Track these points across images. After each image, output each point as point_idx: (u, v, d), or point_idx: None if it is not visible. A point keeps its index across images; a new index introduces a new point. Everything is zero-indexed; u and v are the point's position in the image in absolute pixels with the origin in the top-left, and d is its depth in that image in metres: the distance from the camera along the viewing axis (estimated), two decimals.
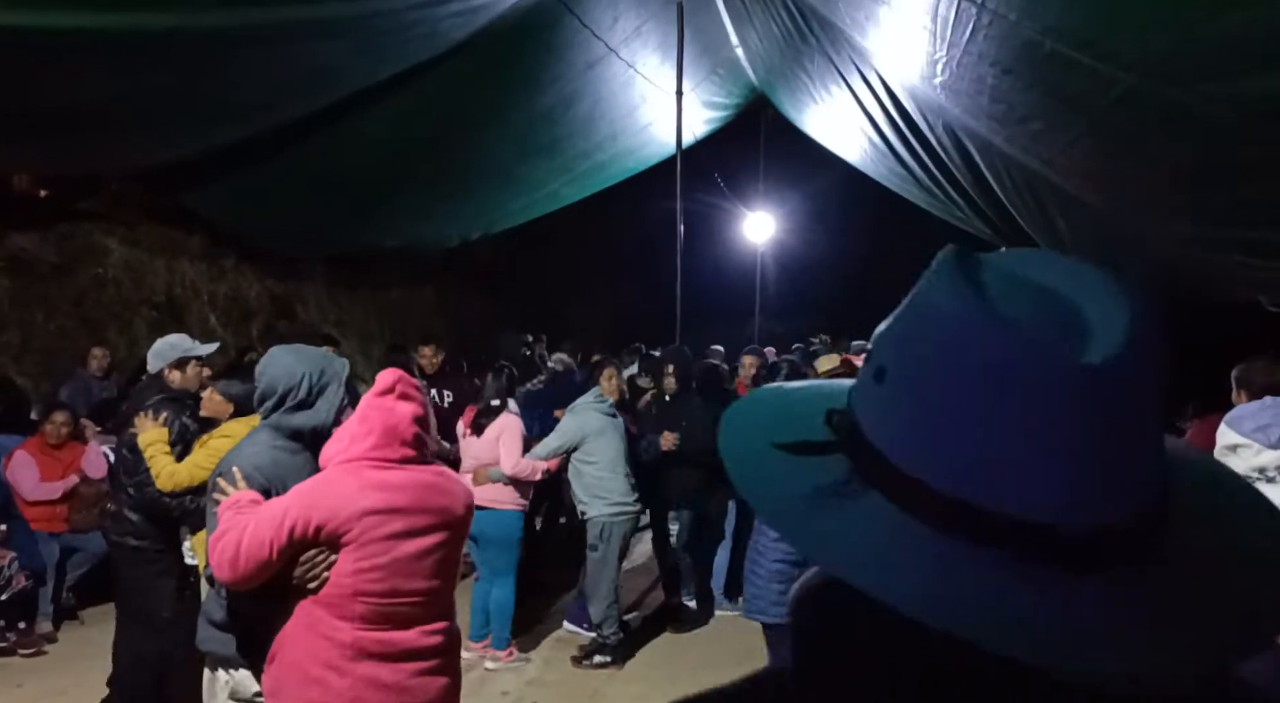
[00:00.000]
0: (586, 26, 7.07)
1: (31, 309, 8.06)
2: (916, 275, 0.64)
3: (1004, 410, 0.50)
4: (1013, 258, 0.59)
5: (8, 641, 4.93)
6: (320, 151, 7.94)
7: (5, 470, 5.46)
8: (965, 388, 0.51)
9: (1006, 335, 0.51)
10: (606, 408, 4.93)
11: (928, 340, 0.55)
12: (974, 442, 0.50)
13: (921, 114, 6.88)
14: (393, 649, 2.10)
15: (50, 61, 5.33)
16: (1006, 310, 0.53)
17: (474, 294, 13.70)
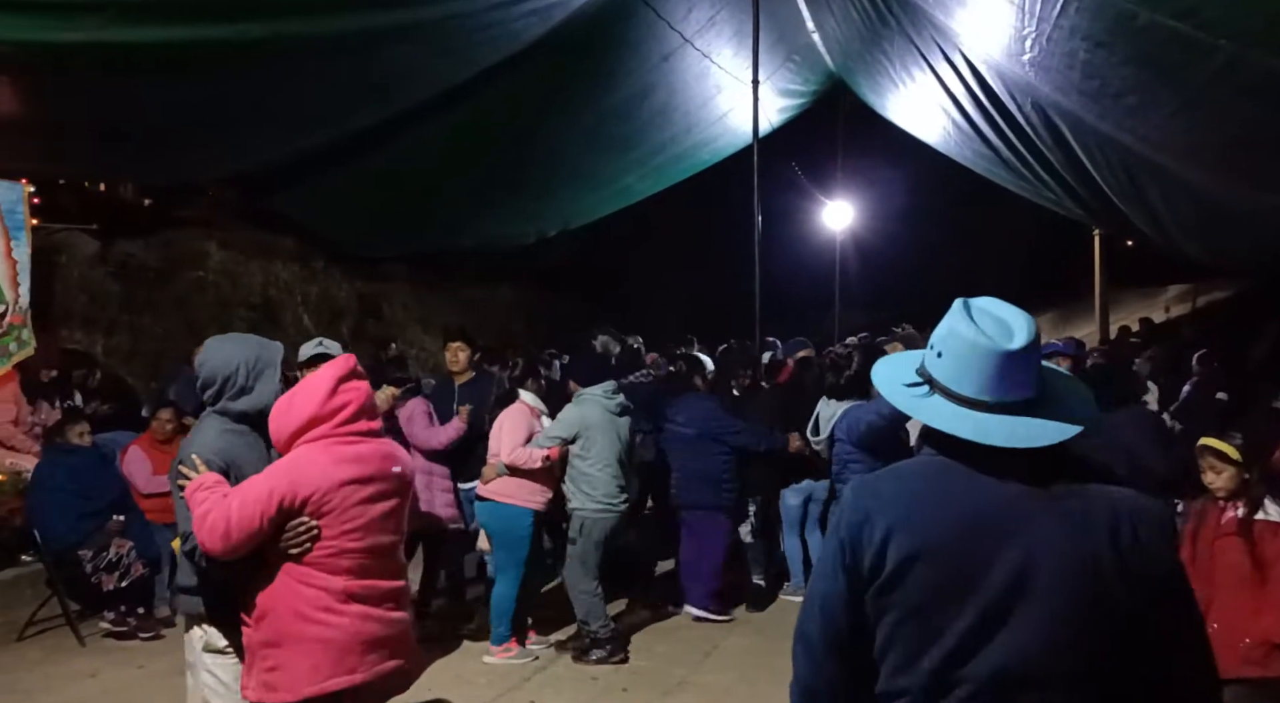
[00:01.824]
0: (662, 18, 7.08)
1: (139, 313, 8.52)
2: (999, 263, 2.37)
3: (982, 365, 1.41)
4: (985, 302, 1.48)
5: (128, 625, 5.22)
6: (401, 154, 8.17)
7: (121, 465, 5.79)
8: (970, 358, 1.42)
9: (981, 338, 1.41)
10: (614, 404, 4.78)
11: (954, 336, 1.45)
12: (971, 376, 1.42)
13: (1009, 93, 6.67)
14: (375, 592, 2.52)
15: (148, 76, 5.63)
16: (983, 326, 1.43)
17: (550, 291, 13.89)
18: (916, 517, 1.39)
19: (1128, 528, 1.35)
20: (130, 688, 4.52)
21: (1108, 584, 1.33)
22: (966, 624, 1.34)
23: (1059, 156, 7.18)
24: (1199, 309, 15.24)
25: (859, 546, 1.41)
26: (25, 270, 6.47)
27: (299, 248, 10.18)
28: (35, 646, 5.11)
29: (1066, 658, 1.33)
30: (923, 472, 1.46)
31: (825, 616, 1.45)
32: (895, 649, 1.39)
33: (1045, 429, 1.38)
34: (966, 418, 1.40)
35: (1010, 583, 1.33)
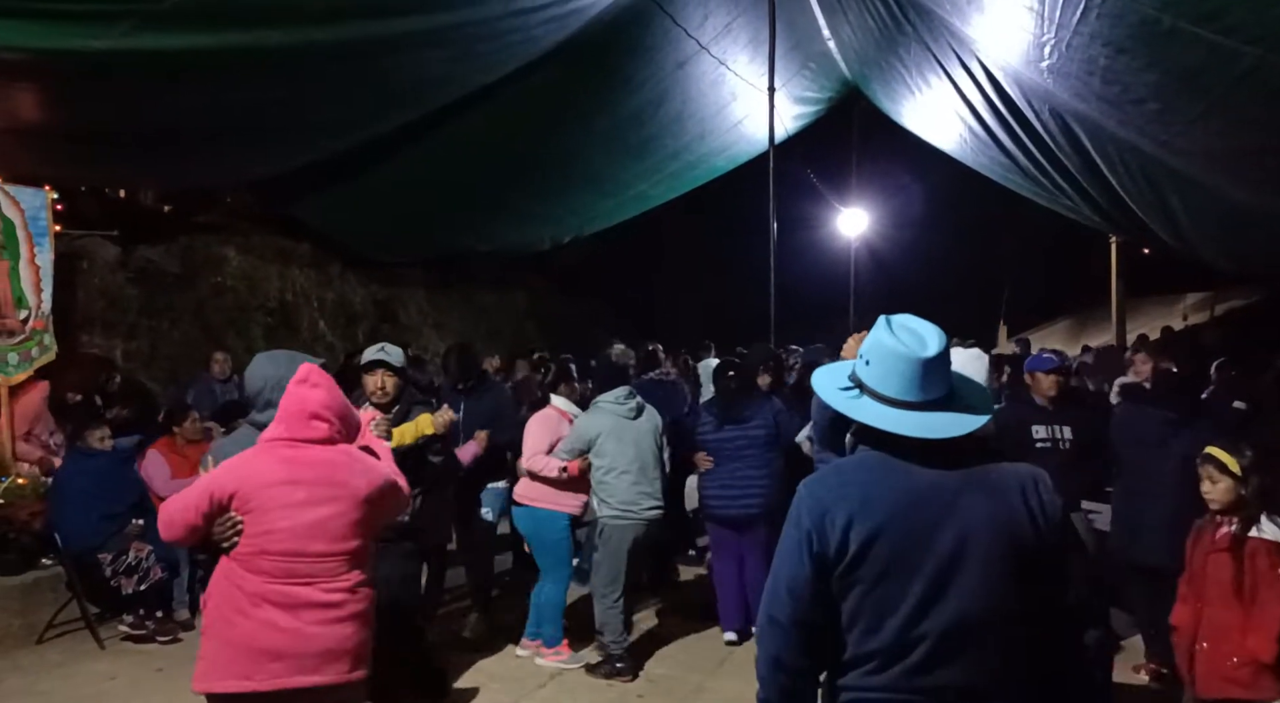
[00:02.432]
0: (679, 25, 7.09)
1: (158, 317, 8.58)
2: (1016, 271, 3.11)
3: (903, 370, 1.70)
4: (903, 318, 1.75)
5: (147, 628, 5.25)
6: (417, 160, 8.21)
7: (140, 469, 5.83)
8: (893, 364, 1.71)
9: (901, 347, 1.70)
10: (627, 408, 4.64)
11: (879, 347, 1.73)
12: (895, 379, 1.70)
13: (1026, 100, 6.64)
14: (291, 600, 2.46)
15: (169, 84, 5.67)
16: (902, 338, 1.71)
17: (564, 296, 13.92)
18: (870, 503, 1.67)
19: (1032, 491, 1.71)
20: (150, 691, 4.54)
21: (1024, 538, 1.68)
22: (922, 588, 1.64)
23: (1077, 163, 7.14)
24: (1218, 317, 15.11)
25: (824, 533, 1.67)
26: (48, 276, 6.52)
27: (315, 253, 10.24)
28: (55, 648, 5.14)
29: (1001, 603, 1.65)
30: (866, 465, 1.75)
31: (793, 596, 1.69)
32: (862, 619, 1.66)
33: (958, 421, 1.70)
34: (893, 415, 1.70)
35: (953, 550, 1.65)
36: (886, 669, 1.65)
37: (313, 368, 2.70)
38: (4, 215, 6.22)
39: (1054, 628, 1.70)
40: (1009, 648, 1.66)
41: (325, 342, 10.08)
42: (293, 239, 9.98)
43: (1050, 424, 4.71)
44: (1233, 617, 3.12)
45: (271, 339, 9.47)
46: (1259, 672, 3.08)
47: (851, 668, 1.69)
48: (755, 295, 7.96)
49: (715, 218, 12.55)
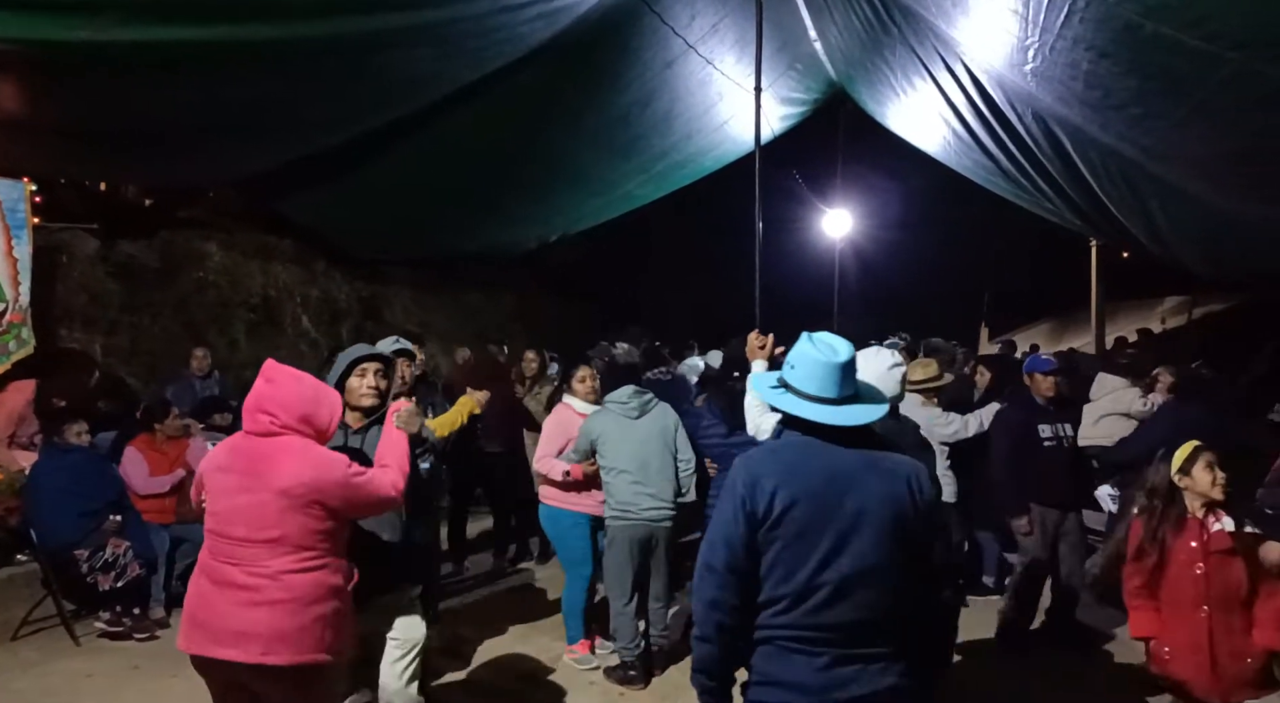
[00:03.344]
0: (666, 23, 7.09)
1: (139, 313, 8.50)
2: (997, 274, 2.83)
3: (821, 373, 2.19)
4: (821, 334, 2.27)
5: (124, 625, 5.21)
6: (403, 158, 8.16)
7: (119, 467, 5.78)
8: (813, 368, 2.20)
9: (820, 355, 2.21)
10: (630, 407, 4.59)
11: (802, 354, 2.24)
12: (814, 380, 2.19)
13: (1009, 103, 6.68)
14: (219, 577, 2.70)
15: (150, 77, 5.61)
16: (820, 348, 2.23)
17: (550, 295, 13.88)
18: (793, 476, 2.11)
19: (914, 479, 2.16)
20: (126, 688, 4.50)
21: (906, 512, 2.12)
22: (827, 545, 2.06)
23: (1059, 167, 7.20)
24: (1195, 321, 15.28)
25: (755, 498, 2.09)
26: (26, 269, 6.46)
27: (299, 250, 10.16)
28: (29, 645, 5.09)
29: (884, 561, 2.08)
30: (790, 446, 2.22)
31: (728, 548, 2.10)
32: (778, 568, 2.09)
33: (863, 412, 2.20)
34: (813, 408, 2.18)
35: (853, 517, 2.08)
36: (792, 610, 2.07)
37: (271, 364, 2.88)
38: None
39: (919, 582, 2.15)
40: (886, 595, 2.09)
41: (309, 339, 10.01)
42: (276, 235, 9.90)
43: (1054, 423, 4.92)
44: (1238, 618, 3.11)
45: (254, 336, 9.40)
46: (1265, 667, 3.09)
47: (764, 610, 2.10)
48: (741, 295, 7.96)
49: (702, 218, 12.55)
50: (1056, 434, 4.91)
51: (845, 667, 2.05)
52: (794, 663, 2.06)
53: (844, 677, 2.04)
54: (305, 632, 2.69)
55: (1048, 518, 4.93)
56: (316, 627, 2.71)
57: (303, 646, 2.69)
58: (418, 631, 3.35)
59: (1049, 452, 4.88)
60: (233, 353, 9.01)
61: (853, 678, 2.05)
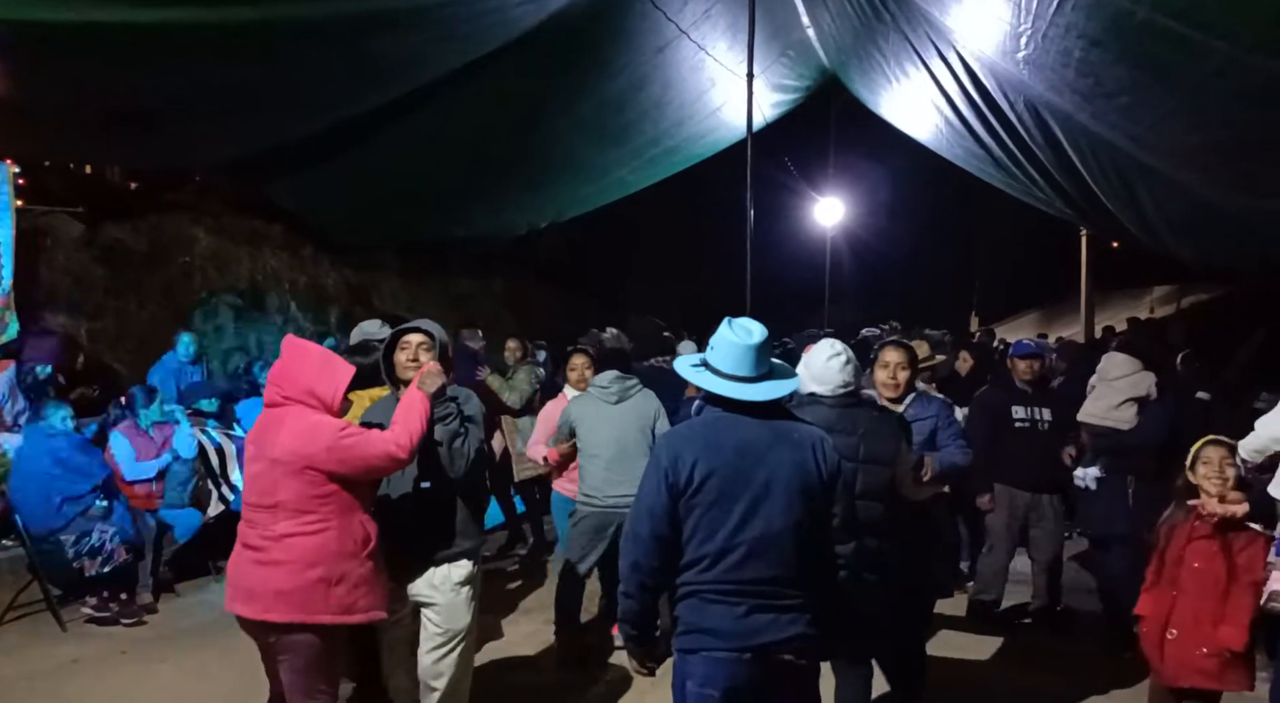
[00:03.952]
0: (659, 8, 7.04)
1: (125, 297, 8.43)
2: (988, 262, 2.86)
3: (736, 354, 2.44)
4: (740, 319, 2.51)
5: (110, 611, 5.18)
6: (392, 143, 8.10)
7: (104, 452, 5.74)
8: (729, 349, 2.45)
9: (735, 338, 2.45)
10: (610, 392, 4.53)
11: (721, 337, 2.48)
12: (731, 360, 2.44)
13: (1001, 91, 6.67)
14: (242, 539, 2.96)
15: (138, 59, 5.54)
16: (737, 332, 2.47)
17: (541, 284, 13.84)
18: (709, 449, 2.38)
19: (819, 447, 2.44)
20: (113, 673, 4.48)
21: (811, 478, 2.40)
22: (741, 510, 2.33)
23: (1050, 156, 7.20)
24: (1184, 310, 15.38)
25: (677, 470, 2.35)
26: (9, 252, 6.40)
27: (288, 235, 10.09)
28: (15, 631, 5.06)
29: (793, 521, 2.36)
30: (707, 422, 2.50)
31: (651, 516, 2.37)
32: (699, 532, 2.36)
33: (774, 388, 2.45)
34: (728, 385, 2.43)
35: (765, 483, 2.35)
36: (713, 567, 2.34)
37: (288, 338, 3.13)
38: None
39: (823, 539, 2.45)
40: (795, 551, 2.36)
41: (297, 325, 9.95)
42: (265, 221, 9.83)
43: (1030, 406, 4.94)
44: (1207, 607, 3.15)
45: (241, 320, 9.34)
46: (1228, 663, 3.12)
47: (688, 569, 2.38)
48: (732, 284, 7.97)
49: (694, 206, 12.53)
50: (1031, 417, 4.97)
51: (760, 615, 2.33)
52: (715, 613, 2.34)
53: (759, 625, 2.33)
54: (305, 592, 2.83)
55: (1016, 499, 4.97)
56: (318, 588, 2.83)
57: (302, 605, 2.83)
58: (459, 620, 3.14)
59: (1020, 433, 4.95)
60: (219, 338, 8.95)
61: (766, 626, 2.33)
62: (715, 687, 2.32)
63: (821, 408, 3.13)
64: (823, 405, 3.15)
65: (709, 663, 2.34)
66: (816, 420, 2.80)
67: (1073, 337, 12.96)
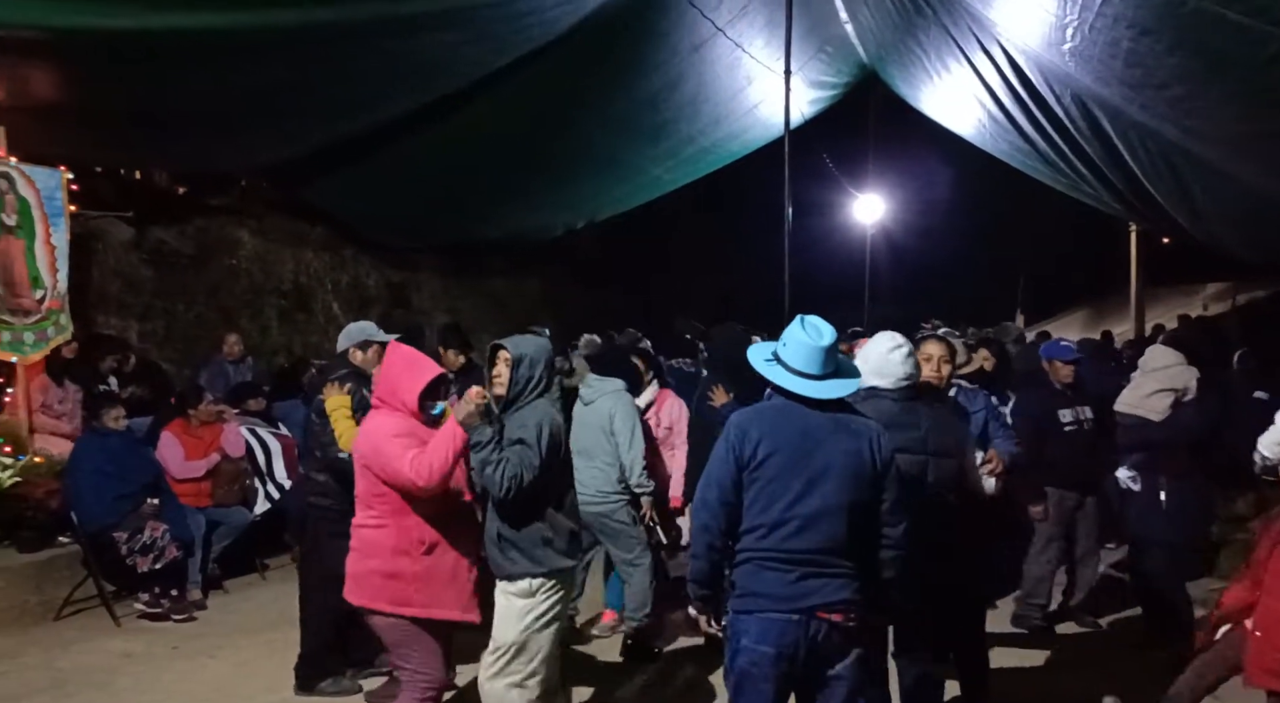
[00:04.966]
0: (695, 6, 7.02)
1: (173, 299, 8.61)
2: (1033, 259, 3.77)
3: (806, 353, 2.64)
4: (811, 318, 2.71)
5: (162, 606, 5.30)
6: (430, 145, 8.18)
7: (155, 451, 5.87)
8: (800, 348, 2.64)
9: (807, 338, 2.65)
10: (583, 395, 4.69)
11: (792, 336, 2.67)
12: (801, 359, 2.64)
13: (1047, 84, 6.54)
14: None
15: (183, 65, 5.66)
16: (808, 332, 2.66)
17: (577, 283, 13.88)
18: (775, 430, 2.61)
19: (874, 438, 2.63)
20: (165, 669, 4.58)
21: (866, 467, 2.60)
22: (798, 487, 2.55)
23: (1098, 150, 7.05)
24: (1239, 307, 14.94)
25: (742, 446, 2.58)
26: (63, 256, 6.54)
27: (329, 236, 10.24)
28: (71, 625, 5.20)
29: (844, 500, 2.56)
30: (775, 408, 2.71)
31: (719, 485, 2.61)
32: (758, 503, 2.57)
33: (840, 386, 2.66)
34: (798, 382, 2.63)
35: (822, 466, 2.56)
36: (768, 536, 2.55)
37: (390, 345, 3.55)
38: (20, 195, 6.23)
39: (873, 519, 2.63)
40: (845, 528, 2.56)
41: (339, 325, 10.05)
42: (307, 222, 9.98)
43: (1074, 407, 4.94)
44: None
45: (285, 321, 9.50)
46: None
47: (746, 535, 2.59)
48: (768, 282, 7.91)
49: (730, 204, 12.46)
50: (1077, 418, 4.97)
51: (810, 580, 2.54)
52: (768, 578, 2.56)
53: (808, 589, 2.54)
54: (363, 580, 3.13)
55: (1066, 501, 4.98)
56: (372, 578, 3.11)
57: (361, 591, 3.13)
58: (507, 634, 3.13)
59: (1070, 436, 4.92)
60: (265, 338, 9.11)
61: (815, 590, 2.54)
62: (768, 644, 2.54)
63: (884, 402, 3.11)
64: (885, 399, 3.12)
65: (762, 623, 2.55)
66: (879, 415, 2.88)
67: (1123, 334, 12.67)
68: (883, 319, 11.52)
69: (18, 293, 6.22)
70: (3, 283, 6.11)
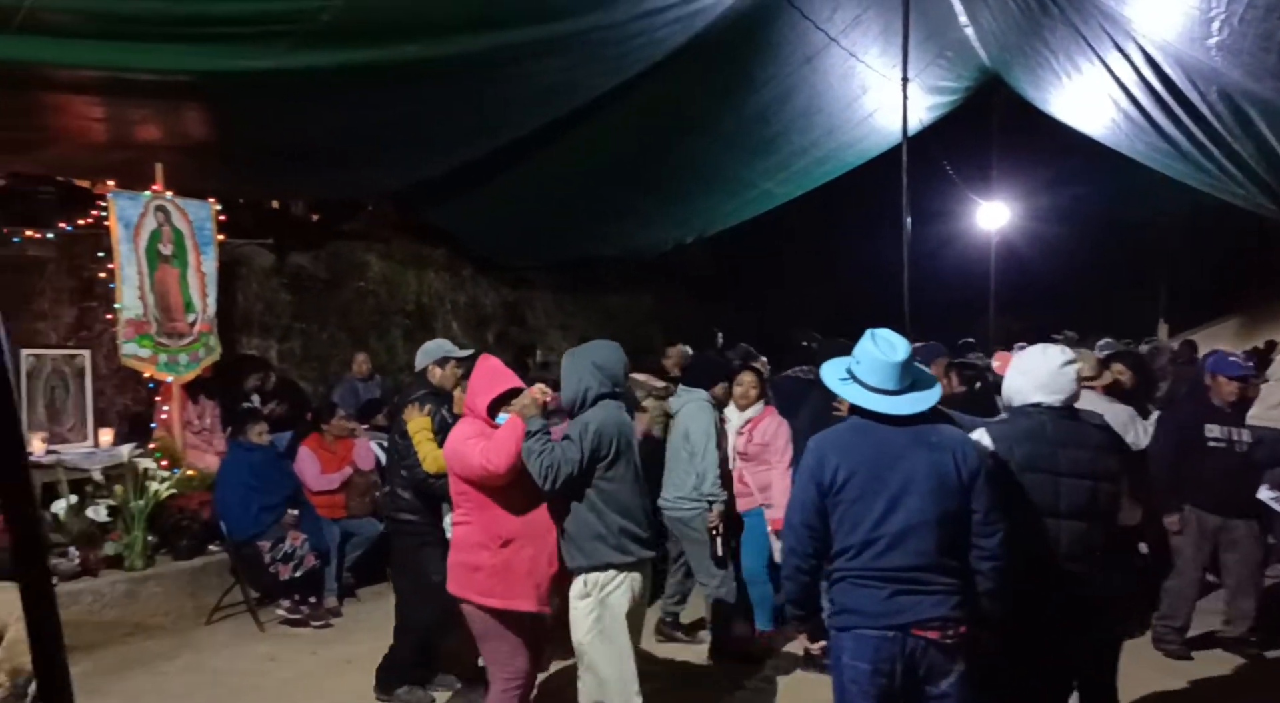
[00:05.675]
0: (808, 18, 6.94)
1: (308, 320, 9.11)
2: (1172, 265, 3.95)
3: (881, 369, 2.66)
4: (883, 332, 2.75)
5: (301, 613, 5.60)
6: (545, 167, 8.37)
7: (293, 464, 6.21)
8: (875, 364, 2.67)
9: (880, 354, 2.68)
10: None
11: (866, 352, 2.71)
12: (876, 374, 2.67)
13: (1190, 81, 6.13)
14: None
15: (317, 100, 5.99)
16: (881, 347, 2.70)
17: (688, 297, 13.88)
18: (850, 452, 2.64)
19: (959, 449, 2.61)
20: (307, 673, 4.82)
21: (950, 479, 2.58)
22: (881, 507, 2.56)
23: (1250, 149, 6.55)
24: None
25: (822, 470, 2.63)
26: (212, 282, 7.03)
27: (449, 258, 10.62)
28: (221, 629, 5.55)
29: (929, 517, 2.55)
30: (851, 428, 2.72)
31: (803, 509, 2.67)
32: (844, 525, 2.62)
33: (917, 401, 2.66)
34: (873, 398, 2.66)
35: (901, 484, 2.57)
36: (858, 556, 2.60)
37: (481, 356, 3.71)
38: (175, 227, 6.74)
39: (964, 533, 2.60)
40: (935, 543, 2.55)
41: (458, 343, 10.39)
42: (429, 245, 10.38)
43: (1226, 424, 4.63)
44: None
45: (409, 340, 9.88)
46: None
47: (838, 556, 2.65)
48: (885, 293, 7.70)
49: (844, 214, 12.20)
50: (1228, 437, 4.66)
51: (903, 597, 2.54)
52: (862, 596, 2.59)
53: (902, 605, 2.55)
54: (454, 570, 3.42)
55: (1205, 523, 4.70)
56: (460, 570, 3.39)
57: (454, 581, 3.42)
58: (576, 632, 3.33)
59: (1213, 453, 4.64)
60: (391, 357, 9.51)
61: (908, 607, 2.54)
62: (864, 660, 2.57)
63: (1050, 419, 2.88)
64: (1050, 417, 2.88)
65: (858, 640, 2.59)
66: (1042, 433, 2.83)
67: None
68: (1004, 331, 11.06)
69: (173, 317, 6.71)
70: (160, 308, 6.61)
